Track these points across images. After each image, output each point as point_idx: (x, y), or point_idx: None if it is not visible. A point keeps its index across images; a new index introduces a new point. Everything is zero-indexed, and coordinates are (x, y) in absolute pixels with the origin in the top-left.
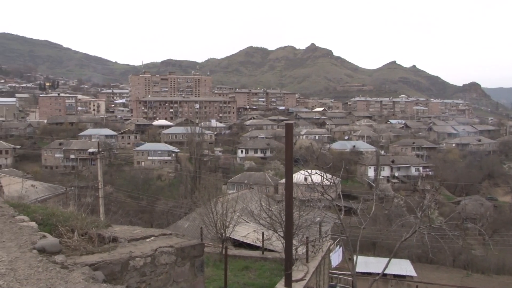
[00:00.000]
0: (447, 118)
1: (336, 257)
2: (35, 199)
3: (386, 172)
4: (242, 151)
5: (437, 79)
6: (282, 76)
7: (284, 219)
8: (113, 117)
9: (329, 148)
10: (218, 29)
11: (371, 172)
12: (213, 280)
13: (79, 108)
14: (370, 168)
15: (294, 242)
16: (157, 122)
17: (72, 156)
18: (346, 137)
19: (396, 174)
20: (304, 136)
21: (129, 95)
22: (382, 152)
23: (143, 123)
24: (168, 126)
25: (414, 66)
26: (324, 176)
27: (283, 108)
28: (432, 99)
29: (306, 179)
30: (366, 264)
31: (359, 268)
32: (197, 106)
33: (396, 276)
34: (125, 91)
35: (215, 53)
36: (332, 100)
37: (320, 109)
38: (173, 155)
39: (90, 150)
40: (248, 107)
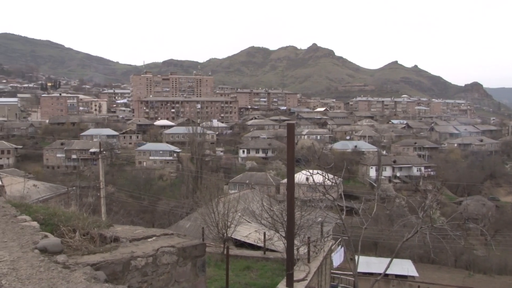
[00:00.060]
0: (449, 118)
1: (338, 257)
2: (37, 199)
3: (388, 172)
4: (244, 151)
5: (439, 79)
6: (284, 76)
7: (286, 219)
8: (115, 117)
9: (331, 148)
10: (220, 29)
11: (373, 172)
12: (215, 280)
13: (81, 108)
14: (372, 168)
15: (296, 242)
16: (159, 122)
17: (74, 156)
18: (348, 137)
19: (398, 174)
20: (306, 136)
21: (131, 95)
22: (384, 152)
23: (145, 123)
24: (170, 126)
25: (416, 66)
26: (326, 176)
27: (285, 108)
28: (434, 99)
29: (308, 179)
30: (368, 264)
31: (361, 268)
32: (199, 106)
33: (398, 276)
34: (127, 91)
35: (217, 53)
36: (334, 100)
37: (322, 109)
38: (175, 155)
39: (92, 150)
40: (250, 107)
